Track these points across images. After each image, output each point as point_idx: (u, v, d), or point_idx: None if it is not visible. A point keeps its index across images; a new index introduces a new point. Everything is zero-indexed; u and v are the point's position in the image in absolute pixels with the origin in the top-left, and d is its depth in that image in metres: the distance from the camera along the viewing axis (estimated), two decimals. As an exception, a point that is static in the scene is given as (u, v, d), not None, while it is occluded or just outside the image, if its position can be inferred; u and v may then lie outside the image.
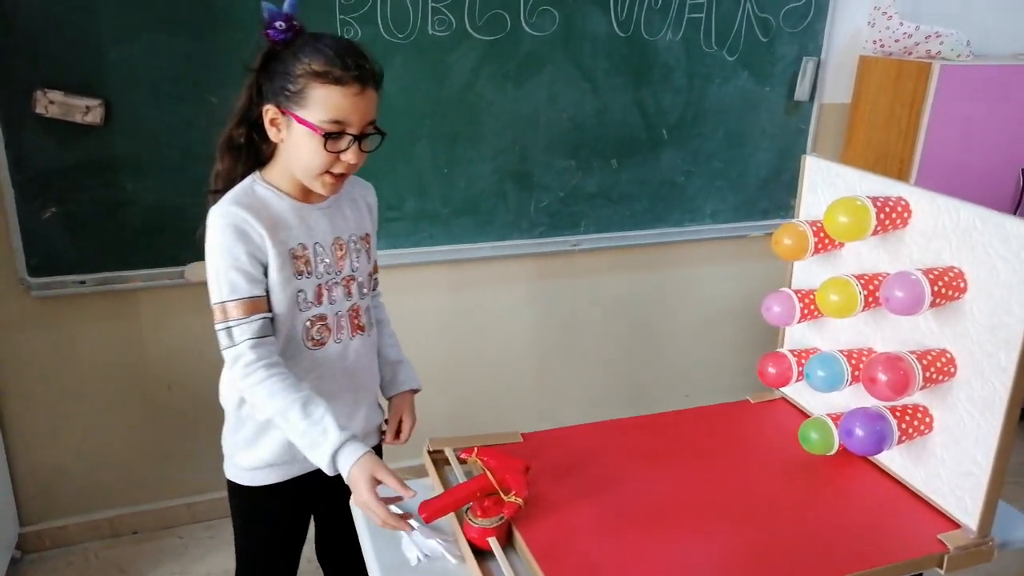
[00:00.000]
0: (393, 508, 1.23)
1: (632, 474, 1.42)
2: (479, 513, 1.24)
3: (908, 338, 1.37)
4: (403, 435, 1.54)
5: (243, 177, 1.35)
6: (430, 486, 1.42)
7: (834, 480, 1.43)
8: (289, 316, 1.33)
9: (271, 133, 1.29)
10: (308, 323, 1.36)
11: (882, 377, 1.25)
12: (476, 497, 1.23)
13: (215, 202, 1.32)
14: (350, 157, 1.26)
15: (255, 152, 1.36)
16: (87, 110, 2.00)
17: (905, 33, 2.65)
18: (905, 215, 1.33)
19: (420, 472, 1.45)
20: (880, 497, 1.38)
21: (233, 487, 1.49)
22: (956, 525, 1.30)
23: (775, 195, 2.89)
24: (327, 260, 1.37)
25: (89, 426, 2.35)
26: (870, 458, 1.46)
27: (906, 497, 1.38)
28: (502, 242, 2.55)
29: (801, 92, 2.75)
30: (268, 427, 1.39)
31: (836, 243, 1.47)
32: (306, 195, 1.35)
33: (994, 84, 2.63)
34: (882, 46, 2.73)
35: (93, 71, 1.99)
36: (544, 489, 1.34)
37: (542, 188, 2.54)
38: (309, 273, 1.34)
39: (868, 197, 1.32)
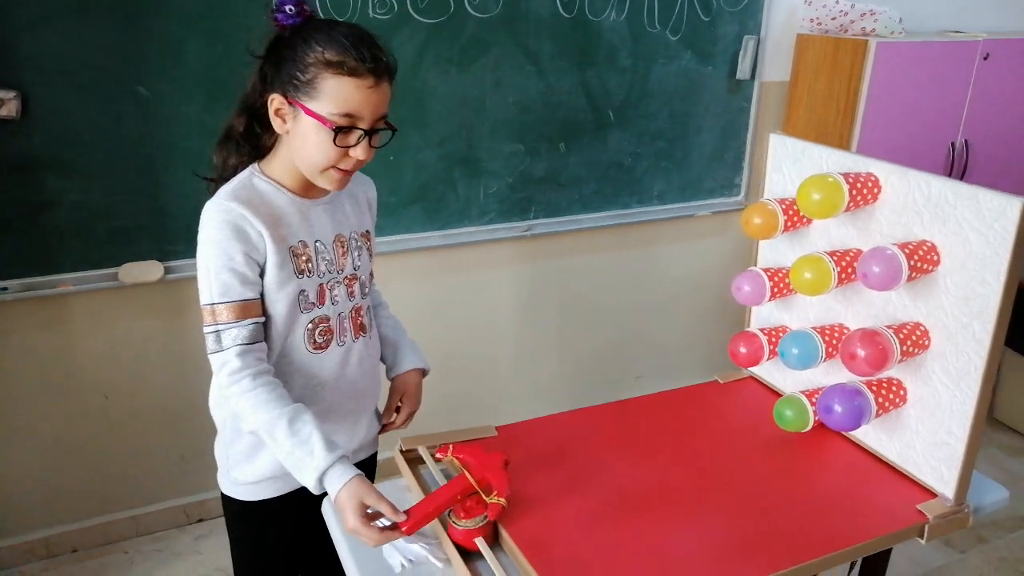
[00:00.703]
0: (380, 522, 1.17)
1: (611, 462, 1.39)
2: (462, 514, 1.19)
3: (880, 313, 1.38)
4: (399, 419, 1.47)
5: (238, 169, 1.27)
6: (405, 487, 1.36)
7: (811, 457, 1.43)
8: (289, 318, 1.26)
9: (275, 124, 1.21)
10: (310, 325, 1.29)
11: (861, 352, 1.25)
12: (457, 500, 1.18)
13: (212, 194, 1.23)
14: (359, 153, 1.19)
15: (255, 143, 1.28)
16: (0, 103, 1.85)
17: (841, 11, 2.69)
18: (876, 190, 1.33)
19: (395, 470, 1.39)
20: (857, 472, 1.39)
21: (230, 502, 1.40)
22: (932, 494, 1.32)
23: (720, 174, 2.91)
24: (329, 258, 1.30)
25: (17, 441, 2.19)
26: (844, 433, 1.47)
27: (882, 470, 1.39)
28: (452, 230, 2.49)
29: (743, 71, 2.77)
30: None
31: (805, 220, 1.47)
32: (307, 190, 1.28)
33: (926, 61, 2.70)
34: (819, 24, 2.76)
35: (4, 61, 1.83)
36: (525, 483, 1.30)
37: (491, 174, 2.49)
38: (310, 272, 1.27)
39: (840, 174, 1.31)
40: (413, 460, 1.41)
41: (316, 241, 1.28)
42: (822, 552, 1.18)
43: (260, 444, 1.30)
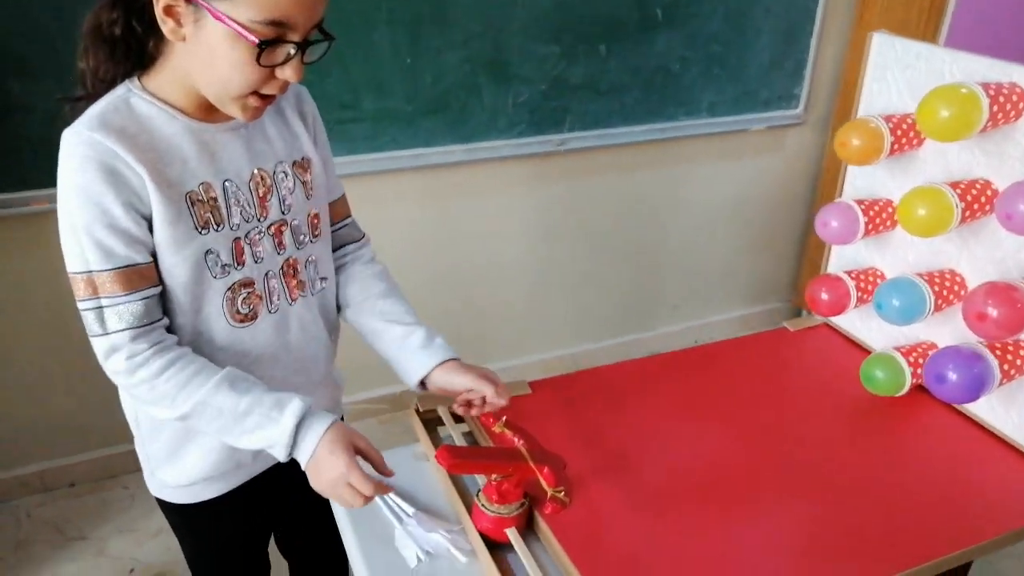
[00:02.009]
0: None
1: (664, 432, 1.17)
2: (495, 498, 0.98)
3: (1008, 259, 1.12)
4: (500, 397, 1.06)
5: (116, 83, 0.95)
6: (421, 454, 1.15)
7: (906, 430, 1.20)
8: (196, 287, 0.96)
9: (165, 27, 0.86)
10: (228, 293, 0.99)
11: (992, 312, 1.00)
12: (504, 470, 0.97)
13: (73, 119, 0.92)
14: (289, 73, 0.88)
15: (137, 48, 0.92)
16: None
17: None
18: (1021, 105, 1.05)
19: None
20: (964, 449, 1.16)
21: (163, 505, 1.18)
22: (1059, 481, 1.09)
23: (778, 83, 2.58)
24: (244, 202, 0.98)
25: (7, 370, 2.01)
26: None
27: (995, 447, 1.16)
28: (476, 144, 2.21)
29: (812, -37, 2.41)
30: (194, 432, 1.06)
31: (915, 142, 1.19)
32: (209, 111, 0.95)
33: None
34: (904, -93, 2.38)
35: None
36: (564, 458, 1.09)
37: (521, 80, 2.19)
38: (219, 224, 0.96)
39: (978, 84, 1.03)
40: (430, 422, 1.20)
41: (225, 181, 0.95)
42: (928, 556, 0.96)
43: (184, 440, 1.07)
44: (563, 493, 0.99)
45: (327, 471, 0.91)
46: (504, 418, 1.09)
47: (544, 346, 2.71)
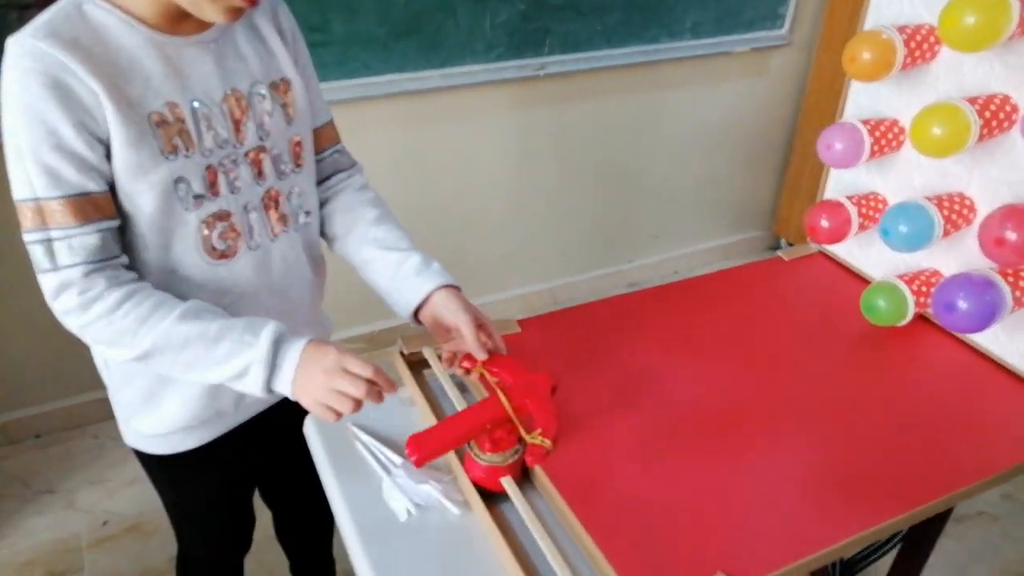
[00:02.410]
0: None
1: (659, 368, 1.11)
2: (488, 446, 0.92)
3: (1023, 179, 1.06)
4: (480, 351, 0.95)
5: None
6: (408, 399, 1.09)
7: (909, 360, 1.16)
8: (165, 220, 0.87)
9: None
10: (203, 227, 0.90)
11: (1012, 237, 0.94)
12: (485, 430, 0.91)
13: (18, 26, 0.81)
14: None
15: None
16: None
17: None
18: (1047, 12, 0.97)
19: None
20: (969, 379, 1.12)
21: (140, 456, 1.10)
22: (1067, 409, 1.06)
23: (763, 2, 2.47)
24: (218, 126, 0.88)
25: (-44, 321, 1.91)
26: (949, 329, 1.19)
27: (999, 376, 1.12)
28: (452, 68, 2.09)
29: None
30: (170, 377, 0.98)
31: (927, 56, 1.11)
32: (174, 22, 0.84)
33: None
34: None
35: None
36: (559, 399, 1.03)
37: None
38: (188, 149, 0.86)
39: (1005, -13, 0.95)
40: (416, 365, 1.13)
41: (194, 102, 0.85)
42: (941, 492, 0.92)
43: (160, 385, 0.99)
44: (539, 433, 0.89)
45: (318, 365, 0.82)
46: (479, 363, 1.00)
47: (524, 281, 2.65)
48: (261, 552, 1.37)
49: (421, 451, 0.85)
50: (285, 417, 1.07)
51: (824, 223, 1.24)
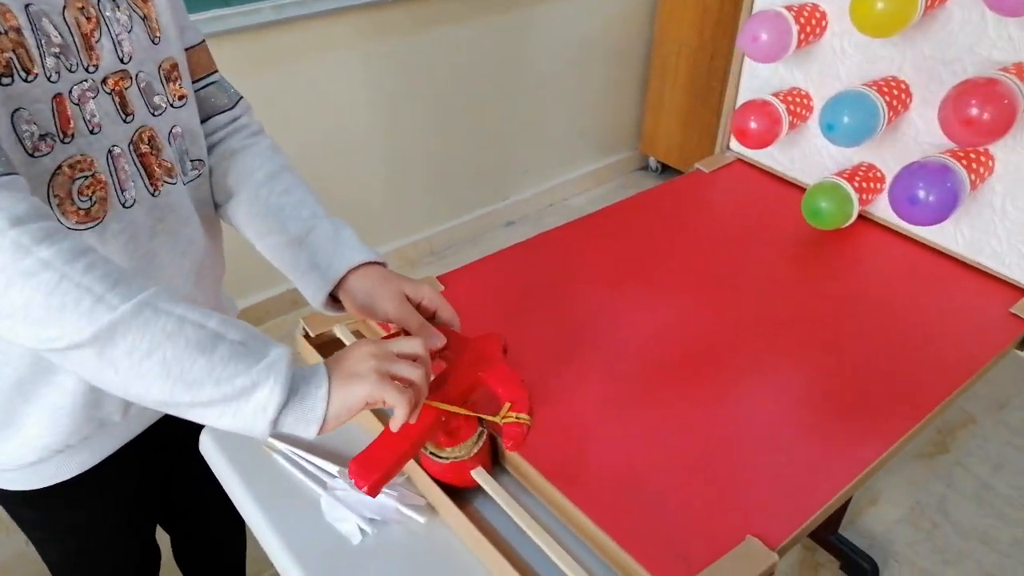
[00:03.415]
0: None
1: (611, 308, 0.98)
2: (445, 441, 0.75)
3: (964, 56, 0.99)
4: (433, 339, 0.74)
5: None
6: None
7: (862, 261, 1.09)
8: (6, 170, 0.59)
9: None
10: (59, 179, 0.65)
11: (976, 113, 0.87)
12: (439, 427, 0.73)
13: None
14: None
15: None
16: None
17: None
18: None
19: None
20: (927, 274, 1.06)
21: (2, 496, 0.83)
22: (1022, 291, 1.03)
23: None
24: (62, 41, 0.64)
25: None
26: (888, 225, 1.13)
27: (948, 269, 1.07)
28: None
29: None
30: (32, 386, 0.73)
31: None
32: None
33: None
34: None
35: None
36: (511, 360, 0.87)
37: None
38: (27, 71, 0.61)
39: None
40: (327, 348, 0.93)
41: (28, 7, 0.61)
42: (942, 392, 0.85)
43: (18, 399, 0.73)
44: (510, 408, 0.74)
45: (355, 355, 0.63)
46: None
47: (396, 233, 2.44)
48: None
49: (369, 476, 0.65)
50: (185, 422, 0.85)
51: (753, 124, 1.13)
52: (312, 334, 0.92)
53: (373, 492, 0.64)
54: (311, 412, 0.59)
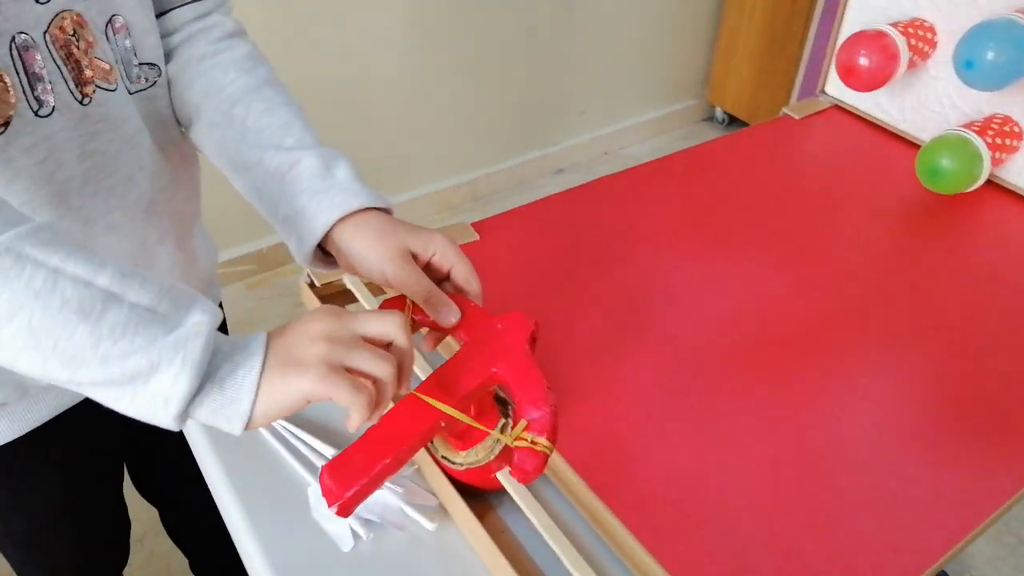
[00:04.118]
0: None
1: (667, 274, 0.81)
2: (457, 443, 0.59)
3: None
4: (448, 316, 0.57)
5: None
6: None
7: (988, 237, 0.90)
8: None
9: None
10: None
11: None
12: (437, 431, 0.56)
13: None
14: None
15: None
16: None
17: None
18: None
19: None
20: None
21: None
22: None
23: None
24: None
25: None
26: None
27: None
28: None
29: None
30: None
31: None
32: None
33: None
34: None
35: None
36: (542, 341, 0.71)
37: None
38: None
39: None
40: (331, 298, 0.78)
41: None
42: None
43: None
44: (526, 428, 0.53)
45: (305, 333, 0.46)
46: (410, 305, 0.59)
47: (438, 175, 2.27)
48: (152, 541, 1.03)
49: (341, 489, 0.48)
50: None
51: (863, 60, 0.93)
52: (318, 283, 0.76)
53: (344, 511, 0.49)
54: (232, 406, 0.44)
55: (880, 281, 0.81)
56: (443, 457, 0.59)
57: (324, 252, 0.62)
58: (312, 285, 0.77)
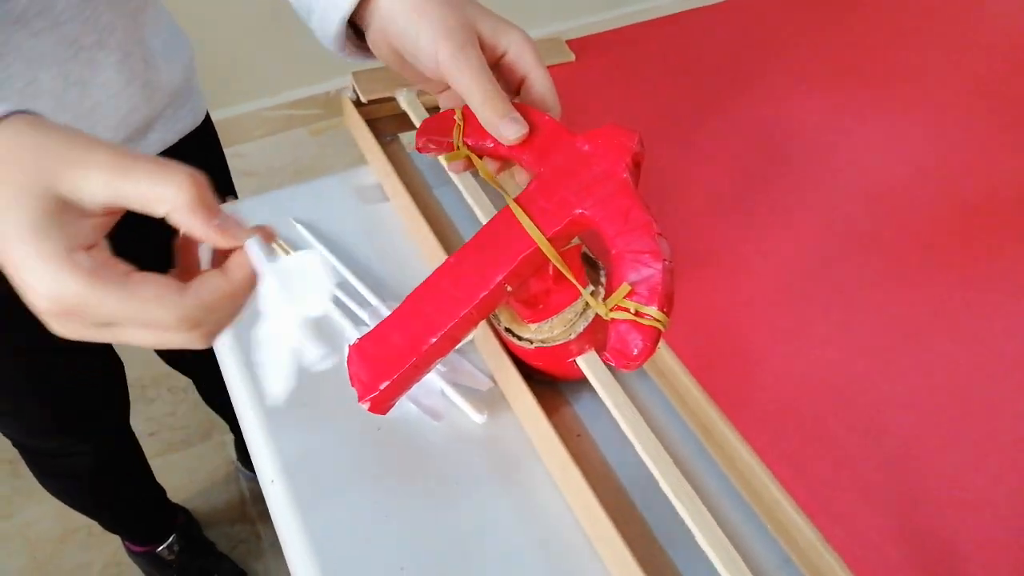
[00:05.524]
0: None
1: (823, 124, 0.61)
2: (527, 315, 0.42)
3: None
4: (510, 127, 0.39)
5: None
6: (374, 188, 0.58)
7: None
8: None
9: None
10: None
11: None
12: (502, 296, 0.38)
13: None
14: None
15: None
16: None
17: None
18: None
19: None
20: None
21: None
22: None
23: None
24: None
25: None
26: None
27: None
28: None
29: None
30: None
31: None
32: None
33: None
34: None
35: None
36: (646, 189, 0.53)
37: None
38: None
39: None
40: (381, 122, 0.61)
41: None
42: None
43: None
44: (631, 297, 0.35)
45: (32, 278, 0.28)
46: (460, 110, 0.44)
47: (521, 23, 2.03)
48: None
49: (373, 378, 0.35)
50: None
51: None
52: (364, 99, 0.59)
53: (379, 407, 0.35)
54: None
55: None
56: (507, 330, 0.43)
57: (358, 35, 0.44)
58: (358, 103, 0.60)
